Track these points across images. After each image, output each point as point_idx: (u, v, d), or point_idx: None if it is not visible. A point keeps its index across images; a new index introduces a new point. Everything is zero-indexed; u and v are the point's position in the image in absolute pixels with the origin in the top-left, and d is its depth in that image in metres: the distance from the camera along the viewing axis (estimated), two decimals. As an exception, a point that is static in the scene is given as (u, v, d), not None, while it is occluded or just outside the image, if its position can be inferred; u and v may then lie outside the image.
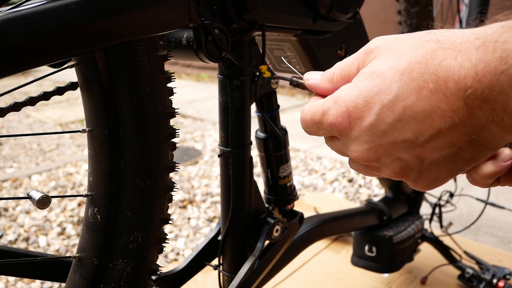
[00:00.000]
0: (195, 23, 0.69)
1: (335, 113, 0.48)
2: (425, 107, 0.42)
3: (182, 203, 2.72)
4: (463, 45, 0.39)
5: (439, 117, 0.41)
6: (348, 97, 0.47)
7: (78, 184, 3.04)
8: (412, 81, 0.42)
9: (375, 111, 0.45)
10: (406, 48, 0.44)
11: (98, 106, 0.66)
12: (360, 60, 0.49)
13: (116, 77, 0.65)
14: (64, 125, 4.91)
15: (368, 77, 0.46)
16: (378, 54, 0.47)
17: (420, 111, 0.42)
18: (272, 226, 1.01)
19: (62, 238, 2.36)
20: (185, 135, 4.29)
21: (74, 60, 0.67)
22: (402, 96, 0.43)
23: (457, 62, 0.39)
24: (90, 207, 0.73)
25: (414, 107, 0.42)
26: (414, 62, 0.43)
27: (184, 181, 3.04)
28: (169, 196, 0.76)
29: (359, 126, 0.47)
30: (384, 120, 0.45)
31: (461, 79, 0.39)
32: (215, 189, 2.91)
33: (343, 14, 0.92)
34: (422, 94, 0.41)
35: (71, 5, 0.52)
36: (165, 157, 0.72)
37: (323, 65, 1.00)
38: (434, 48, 0.42)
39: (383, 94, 0.44)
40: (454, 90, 0.39)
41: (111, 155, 0.69)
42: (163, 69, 0.69)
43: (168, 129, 0.72)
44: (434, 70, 0.41)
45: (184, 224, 2.48)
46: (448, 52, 0.40)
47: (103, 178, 0.70)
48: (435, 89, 0.40)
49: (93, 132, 0.69)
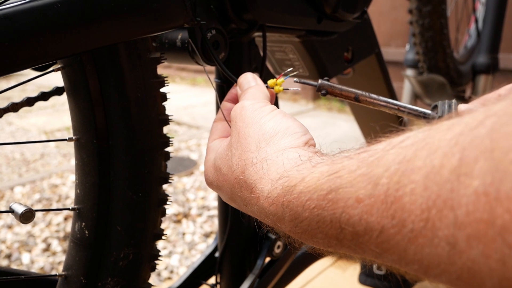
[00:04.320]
0: (191, 23, 0.69)
1: None
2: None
3: (177, 217, 2.71)
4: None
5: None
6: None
7: (64, 196, 3.03)
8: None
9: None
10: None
11: (86, 113, 0.66)
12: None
13: (105, 81, 0.65)
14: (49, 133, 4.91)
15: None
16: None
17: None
18: (274, 242, 1.01)
19: (47, 255, 2.35)
20: (180, 143, 4.29)
21: (60, 63, 0.67)
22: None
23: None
24: (77, 221, 0.73)
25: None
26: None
27: (178, 194, 3.04)
28: (163, 210, 0.76)
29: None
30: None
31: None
32: (212, 202, 2.91)
33: (350, 13, 0.93)
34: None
35: (56, 4, 0.52)
36: (158, 167, 0.72)
37: (328, 68, 1.00)
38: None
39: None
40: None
41: (100, 166, 0.69)
42: (156, 72, 0.69)
43: (161, 138, 0.72)
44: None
45: (179, 240, 2.47)
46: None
47: (91, 191, 0.70)
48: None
49: (81, 141, 0.69)
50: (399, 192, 0.35)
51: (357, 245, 0.41)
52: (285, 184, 0.49)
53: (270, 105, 0.62)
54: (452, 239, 0.31)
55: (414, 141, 0.37)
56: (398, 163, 0.37)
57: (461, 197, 0.31)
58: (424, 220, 0.33)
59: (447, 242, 0.32)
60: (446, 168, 0.32)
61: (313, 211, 0.44)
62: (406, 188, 0.35)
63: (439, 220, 0.32)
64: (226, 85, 0.91)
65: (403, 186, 0.35)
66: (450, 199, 0.31)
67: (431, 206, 0.33)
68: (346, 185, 0.41)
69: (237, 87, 0.71)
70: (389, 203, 0.36)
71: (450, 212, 0.31)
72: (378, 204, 0.37)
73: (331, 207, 0.42)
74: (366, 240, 0.39)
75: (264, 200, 0.51)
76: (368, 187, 0.38)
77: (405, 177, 0.35)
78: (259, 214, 0.54)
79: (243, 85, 0.69)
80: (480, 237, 0.30)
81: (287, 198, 0.48)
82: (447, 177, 0.32)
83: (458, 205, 0.31)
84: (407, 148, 0.37)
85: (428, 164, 0.34)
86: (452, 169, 0.32)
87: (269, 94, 0.67)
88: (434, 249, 0.33)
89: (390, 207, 0.36)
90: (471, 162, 0.31)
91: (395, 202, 0.36)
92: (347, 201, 0.40)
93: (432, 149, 0.34)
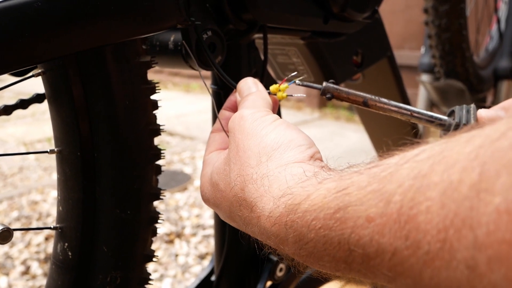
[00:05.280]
0: (184, 23, 0.69)
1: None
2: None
3: (169, 237, 2.71)
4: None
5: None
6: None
7: (45, 214, 3.03)
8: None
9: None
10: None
11: (69, 122, 0.66)
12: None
13: (90, 87, 0.65)
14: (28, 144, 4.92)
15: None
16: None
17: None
18: (276, 265, 1.00)
19: (26, 278, 2.34)
20: (172, 156, 4.29)
21: (41, 68, 0.67)
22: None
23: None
24: (60, 241, 0.73)
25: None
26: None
27: (171, 211, 3.04)
28: (153, 229, 0.76)
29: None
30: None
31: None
32: (207, 221, 2.90)
33: (360, 13, 0.93)
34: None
35: (37, 3, 0.52)
36: (148, 182, 0.72)
37: (336, 73, 1.01)
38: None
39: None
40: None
41: (85, 180, 0.69)
42: (146, 78, 0.69)
43: (152, 149, 0.72)
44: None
45: (171, 262, 2.47)
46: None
47: (75, 208, 0.70)
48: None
49: (63, 153, 0.69)
50: (414, 210, 0.35)
51: (368, 268, 0.41)
52: (289, 202, 0.49)
53: (272, 114, 0.62)
54: (471, 261, 0.31)
55: (430, 154, 0.37)
56: (413, 178, 0.37)
57: (481, 215, 0.30)
58: (441, 241, 0.33)
59: (466, 265, 0.31)
60: (465, 183, 0.32)
61: (319, 232, 0.44)
62: (421, 206, 0.35)
63: (457, 241, 0.32)
64: (223, 91, 0.91)
65: (418, 204, 0.35)
66: (470, 217, 0.31)
67: (449, 226, 0.32)
68: (355, 203, 0.41)
69: (236, 93, 0.71)
70: (402, 223, 0.36)
71: (470, 232, 0.31)
72: (390, 224, 0.37)
73: (339, 227, 0.42)
74: (377, 263, 0.39)
75: (265, 220, 0.51)
76: (380, 205, 0.38)
77: (420, 194, 0.35)
78: (260, 234, 0.54)
79: (243, 92, 0.69)
80: (502, 259, 0.29)
81: (290, 217, 0.48)
82: (466, 194, 0.32)
83: (478, 225, 0.31)
84: (422, 162, 0.37)
85: (446, 179, 0.34)
86: (471, 185, 0.32)
87: (271, 102, 0.67)
88: (452, 273, 0.33)
89: (403, 226, 0.36)
90: (492, 177, 0.31)
91: (409, 222, 0.36)
92: (357, 221, 0.40)
93: (449, 163, 0.34)
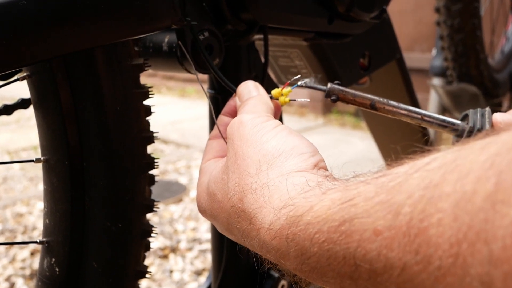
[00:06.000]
0: (179, 23, 0.69)
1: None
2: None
3: (163, 252, 2.71)
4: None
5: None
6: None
7: (31, 227, 3.02)
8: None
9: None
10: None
11: (56, 129, 0.66)
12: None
13: (79, 92, 0.65)
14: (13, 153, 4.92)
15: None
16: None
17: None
18: (276, 281, 1.00)
19: (9, 297, 2.34)
20: (167, 165, 4.29)
21: (26, 71, 0.67)
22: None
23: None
24: (46, 256, 0.72)
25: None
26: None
27: (165, 224, 3.03)
28: (146, 243, 0.76)
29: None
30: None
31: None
32: (204, 234, 2.90)
33: (367, 12, 0.93)
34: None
35: (22, 1, 0.52)
36: (141, 193, 0.72)
37: (341, 77, 1.01)
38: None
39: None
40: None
41: (73, 191, 0.68)
42: (139, 82, 0.69)
43: (145, 158, 0.72)
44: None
45: (165, 279, 2.46)
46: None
47: (63, 220, 0.70)
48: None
49: (50, 162, 0.69)
50: (424, 223, 0.35)
51: (375, 285, 0.40)
52: (290, 214, 0.48)
53: (273, 120, 0.61)
54: (486, 277, 0.31)
55: (442, 163, 0.37)
56: (423, 188, 0.37)
57: (497, 228, 0.30)
58: (453, 256, 0.33)
59: (480, 281, 0.31)
60: (479, 194, 0.32)
61: (323, 246, 0.44)
62: (432, 218, 0.35)
63: (471, 255, 0.32)
64: (220, 96, 0.91)
65: (429, 216, 0.35)
66: (484, 230, 0.31)
67: (462, 239, 0.32)
68: (362, 215, 0.41)
69: (236, 97, 0.71)
70: (412, 236, 0.36)
71: (484, 247, 0.31)
72: (399, 237, 0.37)
73: (344, 241, 0.42)
74: (385, 279, 0.39)
75: (265, 233, 0.51)
76: (388, 217, 0.38)
77: (432, 205, 0.35)
78: (260, 248, 0.54)
79: (243, 96, 0.69)
80: None
81: (292, 230, 0.48)
82: (480, 205, 0.32)
83: (493, 238, 0.30)
84: (433, 171, 0.37)
85: (459, 190, 0.34)
86: (486, 195, 0.32)
87: (273, 107, 0.67)
88: None
89: (413, 240, 0.36)
90: (509, 188, 0.30)
91: (419, 235, 0.35)
92: (363, 234, 0.40)
93: (463, 172, 0.34)
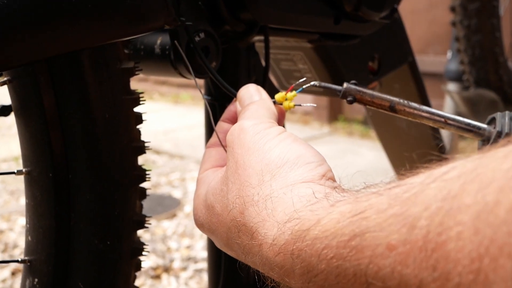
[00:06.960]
0: (173, 24, 0.69)
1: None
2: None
3: (155, 272, 2.70)
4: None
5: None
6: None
7: (11, 245, 3.02)
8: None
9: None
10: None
11: (39, 138, 0.66)
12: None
13: (64, 98, 0.65)
14: (-8, 164, 4.92)
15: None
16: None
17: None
18: (279, 304, 1.00)
19: (-13, 321, 2.34)
20: (159, 178, 4.29)
21: (6, 75, 0.67)
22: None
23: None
24: (29, 277, 0.72)
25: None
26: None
27: (157, 242, 3.03)
28: (137, 262, 0.76)
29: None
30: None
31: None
32: (199, 253, 2.90)
33: (376, 12, 0.93)
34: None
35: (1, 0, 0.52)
36: (131, 208, 0.72)
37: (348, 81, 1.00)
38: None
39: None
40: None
41: (57, 206, 0.68)
42: (129, 87, 0.69)
43: (136, 170, 0.72)
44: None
45: (157, 302, 2.46)
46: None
47: (46, 237, 0.70)
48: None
49: (33, 174, 0.69)
50: (442, 237, 0.35)
51: None
52: (295, 228, 0.48)
53: (277, 126, 0.61)
54: None
55: (461, 172, 0.37)
56: (441, 200, 0.36)
57: None
58: (474, 272, 0.33)
59: None
60: (502, 206, 0.32)
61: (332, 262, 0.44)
62: (451, 232, 0.35)
63: (493, 271, 0.32)
64: (218, 103, 0.91)
65: (447, 229, 0.35)
66: (508, 244, 0.31)
67: (483, 254, 0.32)
68: (374, 229, 0.41)
69: (237, 103, 0.71)
70: (429, 251, 0.36)
71: (508, 262, 0.31)
72: (415, 252, 0.37)
73: (355, 257, 0.42)
74: None
75: (268, 248, 0.51)
76: (403, 230, 0.38)
77: (450, 218, 0.35)
78: (262, 265, 0.54)
79: (244, 100, 0.69)
80: None
81: (297, 245, 0.47)
82: (503, 218, 0.32)
83: None
84: (452, 181, 0.37)
85: (480, 201, 0.34)
86: (510, 207, 0.31)
87: (277, 112, 0.67)
88: None
89: (430, 255, 0.36)
90: None
91: (437, 250, 0.35)
92: (376, 249, 0.40)
93: (484, 182, 0.34)
